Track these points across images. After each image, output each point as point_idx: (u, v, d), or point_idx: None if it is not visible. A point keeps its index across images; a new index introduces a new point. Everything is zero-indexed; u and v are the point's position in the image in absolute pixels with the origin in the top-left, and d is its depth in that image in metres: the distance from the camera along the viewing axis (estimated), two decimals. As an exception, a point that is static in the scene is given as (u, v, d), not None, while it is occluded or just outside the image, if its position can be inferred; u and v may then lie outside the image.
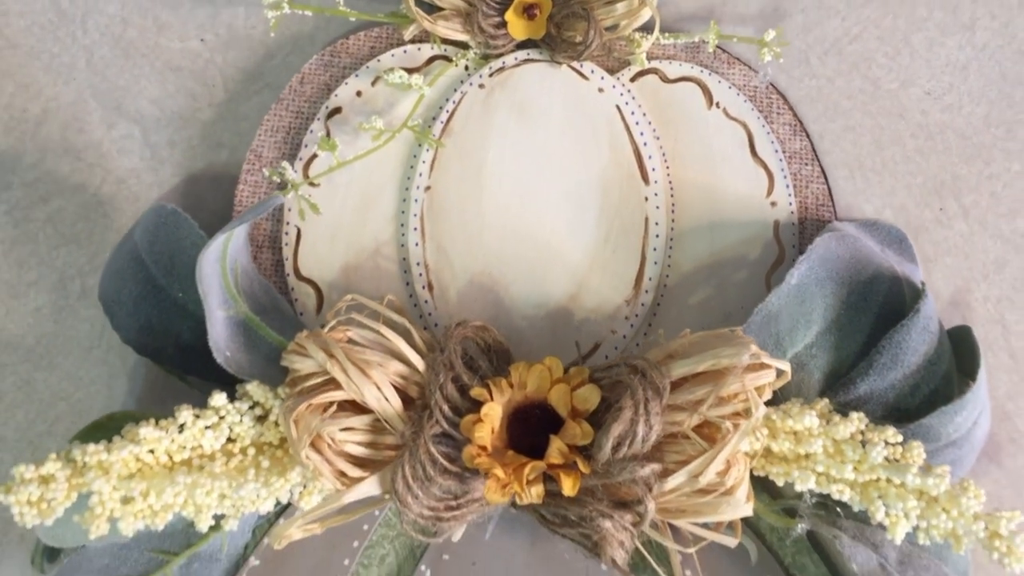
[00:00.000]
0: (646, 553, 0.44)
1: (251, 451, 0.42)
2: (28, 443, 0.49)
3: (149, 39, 0.54)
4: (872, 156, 0.52)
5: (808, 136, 0.51)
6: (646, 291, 0.48)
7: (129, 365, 0.49)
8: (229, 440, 0.42)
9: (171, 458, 0.41)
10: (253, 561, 0.45)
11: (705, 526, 0.42)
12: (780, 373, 0.42)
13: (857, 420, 0.42)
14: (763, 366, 0.41)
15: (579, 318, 0.48)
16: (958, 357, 0.46)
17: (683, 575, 0.44)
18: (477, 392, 0.42)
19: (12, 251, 0.51)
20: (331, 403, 0.41)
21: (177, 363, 0.46)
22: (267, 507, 0.42)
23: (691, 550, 0.43)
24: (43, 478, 0.38)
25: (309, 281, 0.48)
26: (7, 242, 0.51)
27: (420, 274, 0.48)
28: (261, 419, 0.43)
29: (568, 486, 0.40)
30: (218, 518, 0.42)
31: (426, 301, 0.48)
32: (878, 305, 0.46)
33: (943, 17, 0.53)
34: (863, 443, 0.41)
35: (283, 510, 0.45)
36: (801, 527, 0.43)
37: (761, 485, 0.45)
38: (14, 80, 0.53)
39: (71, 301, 0.51)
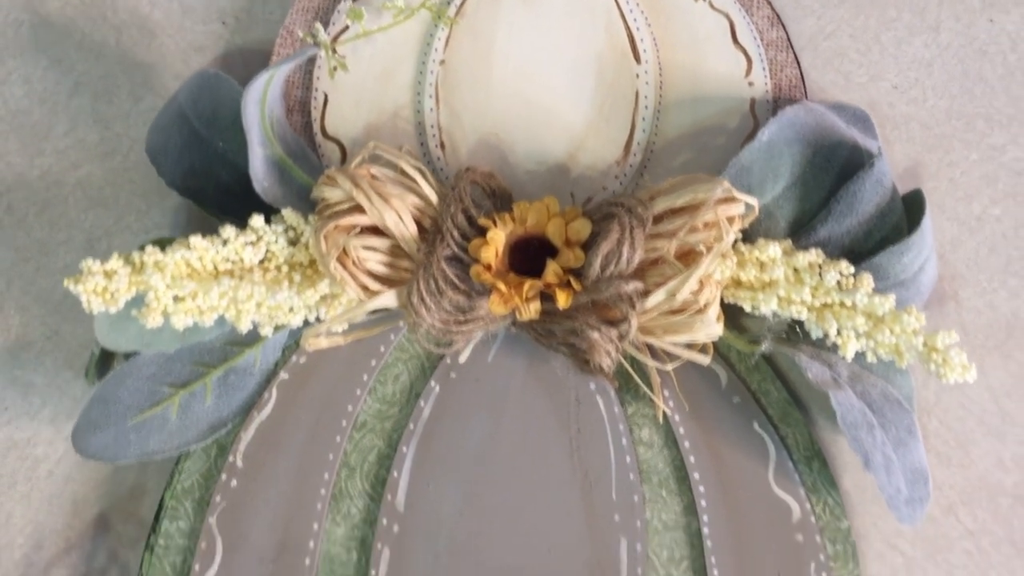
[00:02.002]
0: (630, 369, 0.50)
1: (284, 268, 0.48)
2: (56, 388, 0.54)
3: (174, 21, 0.58)
4: (841, 144, 0.56)
5: (784, 27, 0.57)
6: (634, 154, 0.54)
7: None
8: (265, 260, 0.48)
9: (216, 268, 0.47)
10: (283, 375, 0.51)
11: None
12: (749, 211, 0.48)
13: (815, 253, 0.48)
14: (733, 199, 0.47)
15: (575, 175, 0.54)
16: (910, 219, 0.52)
17: (663, 393, 0.50)
18: (484, 221, 0.48)
19: (44, 212, 0.55)
20: (355, 226, 0.47)
21: (216, 204, 0.52)
22: (297, 321, 0.48)
23: (668, 366, 0.49)
24: (107, 273, 0.44)
25: (334, 140, 0.54)
26: (39, 204, 0.55)
27: (434, 135, 0.54)
28: (293, 242, 0.48)
29: (562, 299, 0.46)
30: (256, 325, 0.48)
31: (438, 158, 0.54)
32: (839, 167, 0.51)
33: (911, 18, 0.58)
34: (820, 274, 0.47)
35: (309, 333, 0.51)
36: (766, 345, 0.49)
37: (731, 323, 0.51)
38: (48, 56, 0.57)
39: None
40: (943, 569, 0.52)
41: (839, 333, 0.47)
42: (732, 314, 0.50)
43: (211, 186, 0.52)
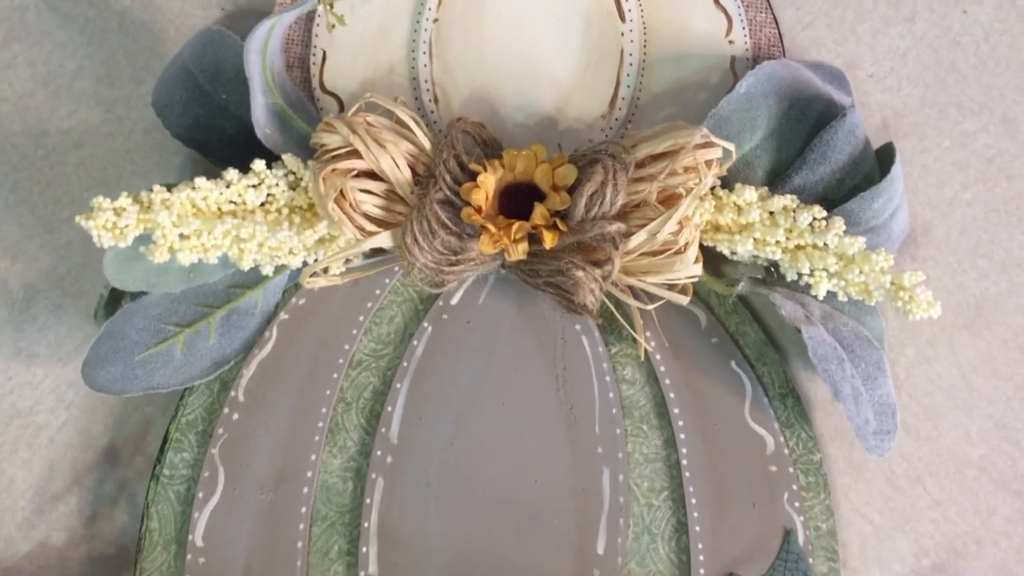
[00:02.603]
0: (614, 311, 0.52)
1: (285, 210, 0.50)
2: (58, 360, 0.56)
3: (175, 6, 0.59)
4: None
5: (764, -10, 0.60)
6: (619, 108, 0.56)
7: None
8: (266, 202, 0.50)
9: (220, 209, 0.49)
10: (283, 315, 0.53)
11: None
12: (727, 157, 0.50)
13: (789, 199, 0.50)
14: (711, 144, 0.49)
15: (562, 128, 0.56)
16: (882, 170, 0.55)
17: (645, 334, 0.53)
18: (474, 166, 0.50)
19: (48, 191, 0.57)
20: (352, 170, 0.50)
21: (220, 155, 0.54)
22: (297, 263, 0.51)
23: (650, 307, 0.51)
24: (116, 210, 0.47)
25: (332, 94, 0.57)
26: (43, 182, 0.57)
27: (427, 89, 0.56)
28: (293, 187, 0.51)
29: (549, 239, 0.49)
30: (257, 265, 0.50)
31: (432, 111, 0.56)
32: (814, 119, 0.54)
33: (886, 10, 0.60)
34: (794, 217, 0.50)
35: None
36: (743, 285, 0.51)
37: (710, 269, 0.53)
38: (52, 39, 0.59)
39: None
40: (911, 538, 0.54)
41: (811, 273, 0.49)
42: (712, 262, 0.53)
43: (215, 138, 0.54)
